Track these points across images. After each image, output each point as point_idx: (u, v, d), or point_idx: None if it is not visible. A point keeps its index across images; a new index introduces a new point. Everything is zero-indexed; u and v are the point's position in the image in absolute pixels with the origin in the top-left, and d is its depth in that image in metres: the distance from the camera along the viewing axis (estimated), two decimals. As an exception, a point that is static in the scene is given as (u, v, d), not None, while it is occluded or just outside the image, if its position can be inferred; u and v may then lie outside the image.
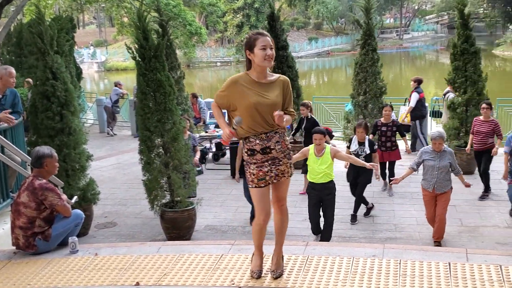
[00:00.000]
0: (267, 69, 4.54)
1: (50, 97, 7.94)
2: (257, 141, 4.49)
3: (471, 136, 9.93)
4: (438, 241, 7.66)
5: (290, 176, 4.68)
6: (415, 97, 12.51)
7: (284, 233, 4.85)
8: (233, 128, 4.38)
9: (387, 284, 4.65)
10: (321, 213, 7.70)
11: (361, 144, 8.64)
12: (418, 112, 12.71)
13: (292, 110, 4.71)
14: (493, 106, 10.11)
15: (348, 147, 8.80)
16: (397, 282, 4.67)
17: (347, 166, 8.80)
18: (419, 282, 4.66)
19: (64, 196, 6.06)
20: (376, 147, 8.77)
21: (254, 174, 4.54)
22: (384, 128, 9.98)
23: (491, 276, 4.73)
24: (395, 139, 10.12)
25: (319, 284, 4.70)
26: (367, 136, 8.75)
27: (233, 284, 4.78)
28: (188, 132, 9.84)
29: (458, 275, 4.75)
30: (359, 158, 8.25)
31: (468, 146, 9.98)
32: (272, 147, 4.51)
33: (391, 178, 9.05)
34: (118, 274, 5.08)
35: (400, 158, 10.25)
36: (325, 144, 7.42)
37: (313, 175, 7.41)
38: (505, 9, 67.94)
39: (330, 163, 7.32)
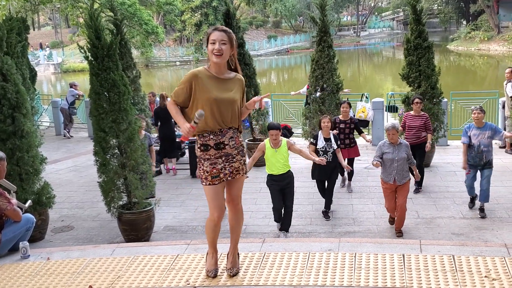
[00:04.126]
0: (224, 66, 4.47)
1: (1, 100, 7.70)
2: (211, 136, 4.45)
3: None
4: (401, 232, 7.64)
5: (245, 174, 4.65)
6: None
7: (239, 231, 4.82)
8: (194, 122, 4.21)
9: (342, 277, 4.68)
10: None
11: (327, 140, 8.62)
12: None
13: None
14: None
15: (312, 143, 8.66)
16: (352, 275, 4.70)
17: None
18: (374, 274, 4.69)
19: (14, 201, 5.90)
20: (338, 142, 8.83)
21: (207, 172, 4.48)
22: (342, 125, 9.90)
23: (444, 266, 4.80)
24: (353, 136, 10.07)
25: (275, 280, 4.69)
26: (331, 132, 8.74)
27: (188, 284, 4.73)
28: (143, 132, 9.79)
29: (412, 267, 4.81)
30: (327, 154, 8.45)
31: None
32: (226, 143, 4.47)
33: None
34: (71, 278, 4.97)
35: (359, 154, 10.22)
36: (281, 137, 7.63)
37: (272, 167, 7.59)
38: (459, 5, 69.61)
39: (286, 155, 7.58)
